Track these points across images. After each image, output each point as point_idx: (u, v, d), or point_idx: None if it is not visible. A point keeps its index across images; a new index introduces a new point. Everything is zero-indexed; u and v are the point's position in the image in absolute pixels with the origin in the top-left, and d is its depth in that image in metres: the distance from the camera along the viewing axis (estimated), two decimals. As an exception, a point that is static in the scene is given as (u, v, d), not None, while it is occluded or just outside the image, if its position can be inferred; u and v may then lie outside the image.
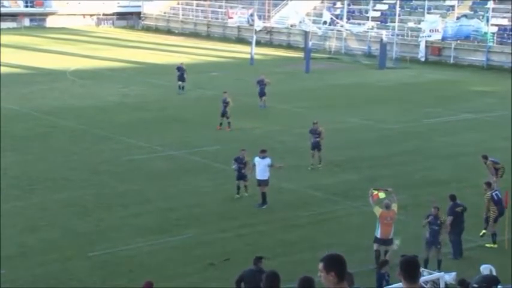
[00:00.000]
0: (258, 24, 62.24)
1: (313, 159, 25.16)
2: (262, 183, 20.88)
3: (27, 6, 78.34)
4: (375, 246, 16.80)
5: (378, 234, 16.75)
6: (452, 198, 17.98)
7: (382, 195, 17.32)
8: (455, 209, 17.68)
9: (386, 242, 16.76)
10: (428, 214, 17.07)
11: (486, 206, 18.35)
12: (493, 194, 18.47)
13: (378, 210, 16.75)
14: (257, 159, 21.10)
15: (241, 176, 21.41)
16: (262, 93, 35.43)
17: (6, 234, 18.48)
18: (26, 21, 76.94)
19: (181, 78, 39.09)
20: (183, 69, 39.13)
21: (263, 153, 21.21)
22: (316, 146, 25.01)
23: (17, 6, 78.02)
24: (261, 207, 20.76)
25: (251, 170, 21.23)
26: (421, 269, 14.58)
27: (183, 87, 39.05)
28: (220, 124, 30.71)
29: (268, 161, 21.02)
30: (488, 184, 19.06)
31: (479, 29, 53.90)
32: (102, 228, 19.11)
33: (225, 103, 30.76)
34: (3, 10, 76.18)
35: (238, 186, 21.51)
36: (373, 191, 17.34)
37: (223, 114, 30.77)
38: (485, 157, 22.20)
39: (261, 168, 20.89)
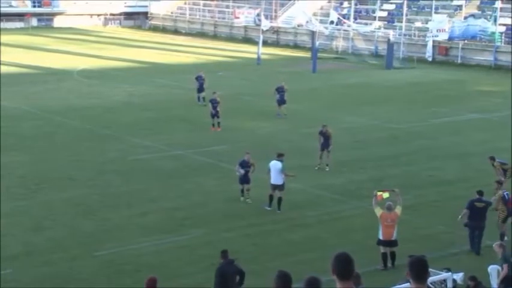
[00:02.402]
0: (265, 24, 62.18)
1: (321, 160, 25.03)
2: (276, 188, 20.45)
3: (34, 6, 78.53)
4: (382, 249, 16.69)
5: (381, 236, 16.65)
6: (479, 193, 17.99)
7: (386, 195, 17.13)
8: (474, 203, 17.69)
9: (390, 243, 16.65)
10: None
11: (496, 203, 18.29)
12: (505, 193, 18.47)
13: (378, 212, 16.61)
14: (272, 163, 20.63)
15: (245, 180, 21.08)
16: (282, 101, 33.14)
17: (12, 233, 18.49)
18: (34, 21, 77.12)
19: (200, 89, 35.60)
20: (202, 78, 35.68)
21: (279, 158, 20.69)
22: (325, 146, 24.91)
23: (25, 6, 78.23)
24: (268, 208, 20.56)
25: (254, 169, 21.04)
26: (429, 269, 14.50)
27: (203, 98, 35.28)
28: (213, 125, 30.54)
29: (279, 165, 20.50)
30: (500, 182, 19.08)
31: (485, 29, 53.70)
32: (107, 228, 19.09)
33: (215, 103, 30.59)
34: (12, 10, 76.44)
35: (242, 189, 21.18)
36: (378, 192, 17.15)
37: (214, 114, 30.49)
38: (492, 158, 22.08)
39: (275, 172, 20.47)
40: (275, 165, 20.52)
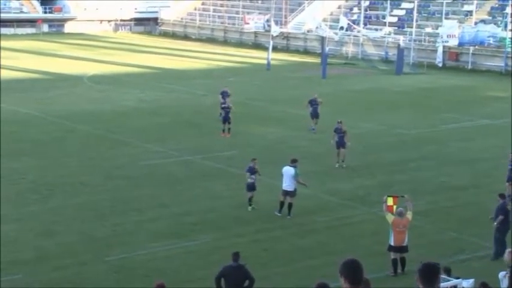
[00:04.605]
0: (275, 30, 62.34)
1: (338, 157, 25.73)
2: (287, 193, 20.35)
3: (45, 12, 79.01)
4: (392, 255, 16.65)
5: (392, 242, 16.61)
6: (502, 196, 17.98)
7: (390, 202, 16.96)
8: (507, 208, 17.70)
9: (401, 249, 16.62)
10: None
11: None
12: None
13: (390, 218, 16.57)
14: (284, 169, 20.53)
15: (254, 187, 20.95)
16: (315, 114, 31.72)
17: (24, 239, 18.61)
18: (45, 27, 77.57)
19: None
20: (227, 94, 33.38)
21: (292, 163, 20.55)
22: (341, 144, 25.64)
23: (36, 12, 78.72)
24: (278, 214, 20.50)
25: (258, 176, 21.03)
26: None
27: None
28: (223, 130, 30.51)
29: (292, 171, 20.43)
30: None
31: (495, 35, 53.58)
32: (118, 233, 19.16)
33: (228, 108, 30.60)
34: (23, 16, 76.97)
35: (250, 197, 20.98)
36: (388, 197, 17.10)
37: (226, 120, 30.51)
38: None
39: (287, 178, 20.35)
40: (288, 171, 20.45)
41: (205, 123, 33.13)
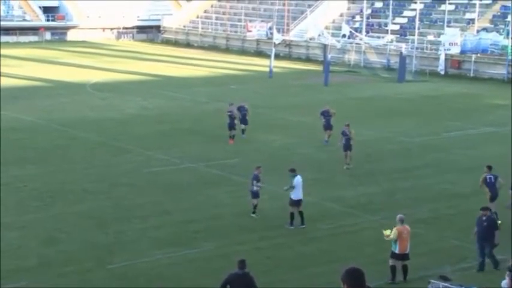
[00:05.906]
0: (277, 38, 62.43)
1: (346, 159, 26.48)
2: (298, 203, 20.26)
3: (48, 20, 79.27)
4: (391, 262, 16.60)
5: (397, 250, 16.55)
6: (486, 209, 17.96)
7: (388, 232, 16.75)
8: (495, 219, 17.87)
9: (403, 256, 16.58)
10: None
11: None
12: (487, 176, 20.81)
13: (394, 232, 16.34)
14: (296, 179, 20.29)
15: (258, 194, 20.94)
16: (328, 126, 30.79)
17: (27, 246, 18.62)
18: (48, 35, 77.83)
19: (243, 120, 31.62)
20: (245, 109, 32.01)
21: (295, 172, 20.47)
22: (347, 147, 26.55)
23: (39, 20, 78.97)
24: (291, 227, 20.31)
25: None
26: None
27: (243, 131, 31.76)
28: (230, 137, 30.52)
29: (301, 179, 20.39)
30: (489, 167, 21.05)
31: (497, 43, 53.67)
32: (120, 240, 19.17)
33: (233, 115, 30.59)
34: (26, 24, 77.22)
35: (255, 205, 20.93)
36: (385, 231, 16.78)
37: (231, 126, 30.59)
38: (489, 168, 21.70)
39: (299, 187, 20.26)
40: (299, 179, 20.35)
41: (207, 131, 33.18)
